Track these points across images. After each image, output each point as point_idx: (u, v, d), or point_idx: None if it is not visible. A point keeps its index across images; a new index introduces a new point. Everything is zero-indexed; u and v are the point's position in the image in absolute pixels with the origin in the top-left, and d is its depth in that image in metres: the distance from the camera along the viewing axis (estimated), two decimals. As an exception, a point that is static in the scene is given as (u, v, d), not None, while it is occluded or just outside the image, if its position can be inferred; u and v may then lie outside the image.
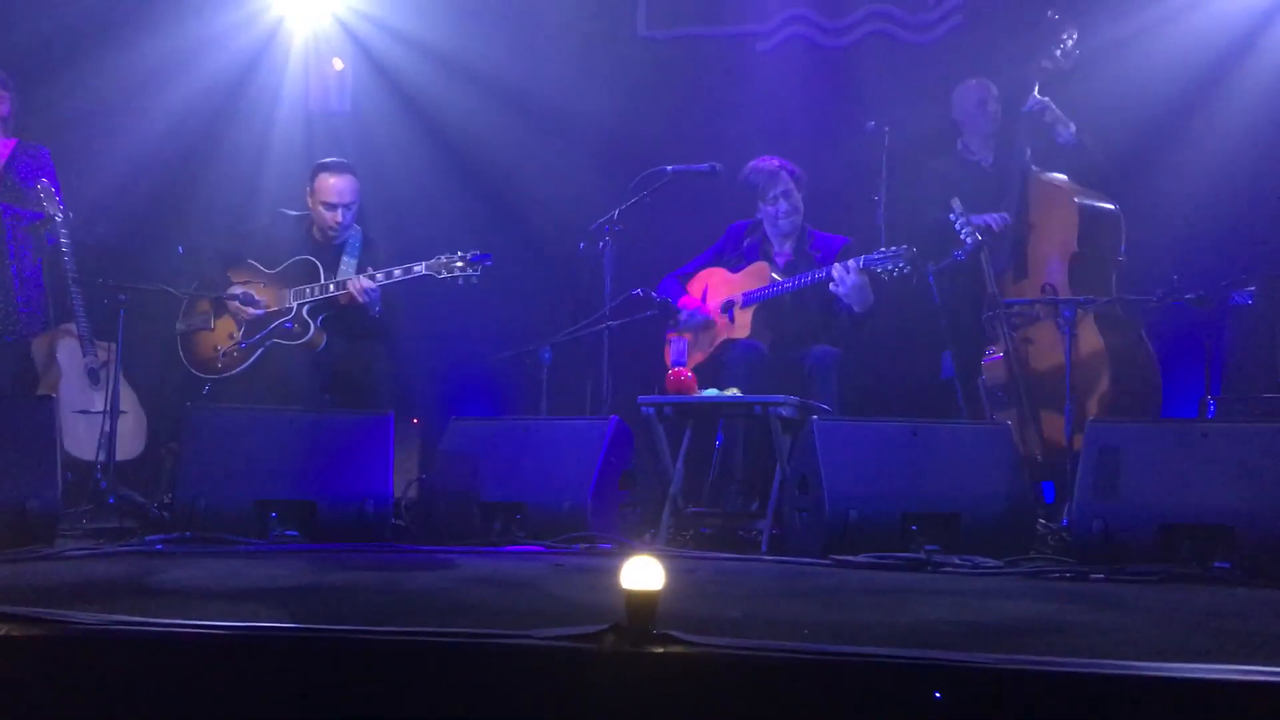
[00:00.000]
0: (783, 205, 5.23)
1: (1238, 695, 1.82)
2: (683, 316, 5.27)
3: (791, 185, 5.23)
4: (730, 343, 5.14)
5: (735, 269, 5.32)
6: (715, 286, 5.35)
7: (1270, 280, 4.89)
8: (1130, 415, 4.48)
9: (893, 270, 4.69)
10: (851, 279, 4.79)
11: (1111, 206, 5.03)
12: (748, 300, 5.18)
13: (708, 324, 5.27)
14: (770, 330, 5.14)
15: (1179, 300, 4.59)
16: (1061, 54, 5.05)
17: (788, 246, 5.31)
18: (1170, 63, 5.36)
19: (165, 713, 2.04)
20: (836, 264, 4.86)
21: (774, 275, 5.14)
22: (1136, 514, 3.69)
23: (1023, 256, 5.05)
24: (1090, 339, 4.76)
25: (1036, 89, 5.10)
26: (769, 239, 5.33)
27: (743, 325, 5.17)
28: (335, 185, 5.10)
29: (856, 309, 4.87)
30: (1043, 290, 4.91)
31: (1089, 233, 4.94)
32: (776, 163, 5.27)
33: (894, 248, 4.73)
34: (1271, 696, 1.81)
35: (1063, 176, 5.10)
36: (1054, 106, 5.13)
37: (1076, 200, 4.97)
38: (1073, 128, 5.14)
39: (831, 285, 4.85)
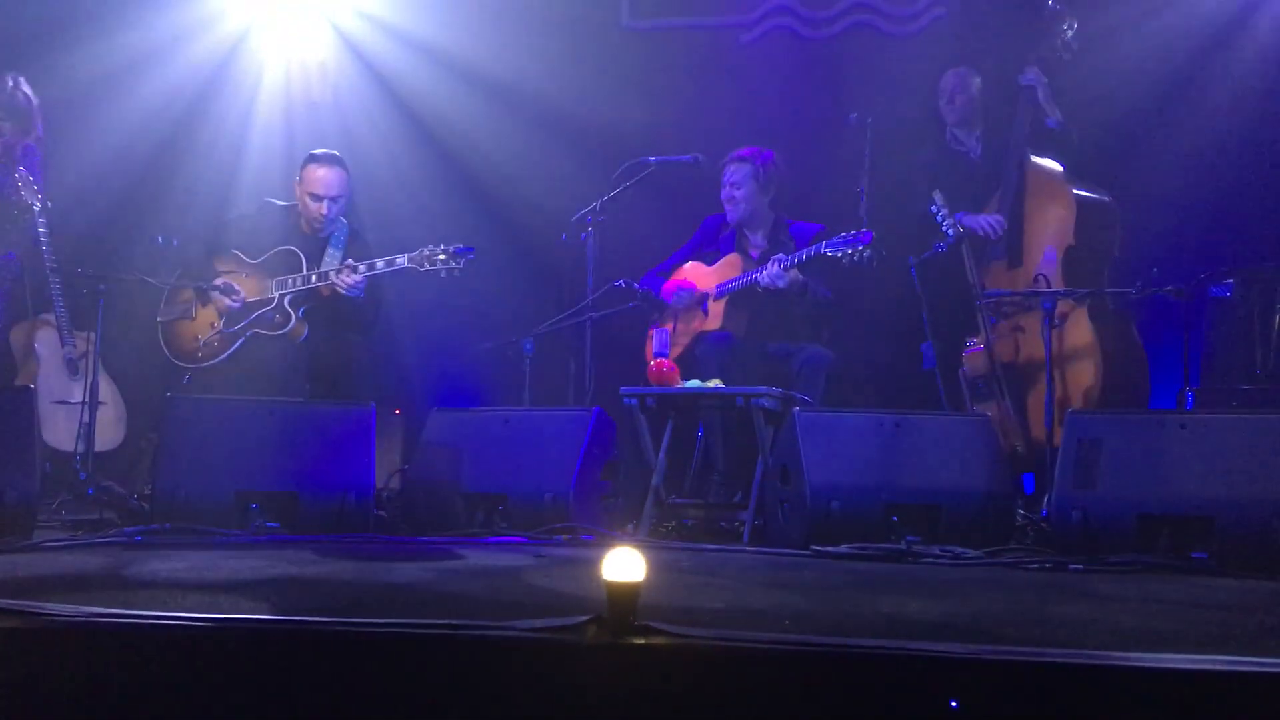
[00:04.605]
0: (729, 193, 5.22)
1: (1213, 685, 1.83)
2: (672, 300, 5.24)
3: (749, 176, 5.19)
4: (702, 335, 5.14)
5: (711, 262, 5.32)
6: (693, 281, 5.35)
7: (1249, 273, 4.91)
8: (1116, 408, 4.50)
9: (852, 255, 4.66)
10: (777, 273, 4.86)
11: (1108, 199, 5.03)
12: (720, 292, 5.17)
13: (696, 299, 5.24)
14: (745, 320, 5.13)
15: (1158, 293, 4.60)
16: (1061, 44, 5.03)
17: (761, 236, 5.31)
18: (1149, 57, 5.38)
19: (145, 705, 2.03)
20: (771, 264, 4.89)
21: (746, 266, 5.14)
22: (1115, 505, 3.71)
23: (1018, 245, 5.01)
24: (1082, 332, 4.77)
25: (1035, 68, 5.06)
26: (743, 231, 5.33)
27: (715, 317, 5.17)
28: (323, 178, 5.06)
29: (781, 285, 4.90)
30: (1035, 281, 4.90)
31: (1086, 226, 4.93)
32: (746, 153, 5.23)
33: (851, 233, 4.69)
34: (1247, 686, 1.82)
35: (1058, 166, 5.06)
36: (1047, 85, 5.10)
37: (1075, 192, 4.95)
38: (1059, 114, 5.14)
39: (761, 277, 4.92)
